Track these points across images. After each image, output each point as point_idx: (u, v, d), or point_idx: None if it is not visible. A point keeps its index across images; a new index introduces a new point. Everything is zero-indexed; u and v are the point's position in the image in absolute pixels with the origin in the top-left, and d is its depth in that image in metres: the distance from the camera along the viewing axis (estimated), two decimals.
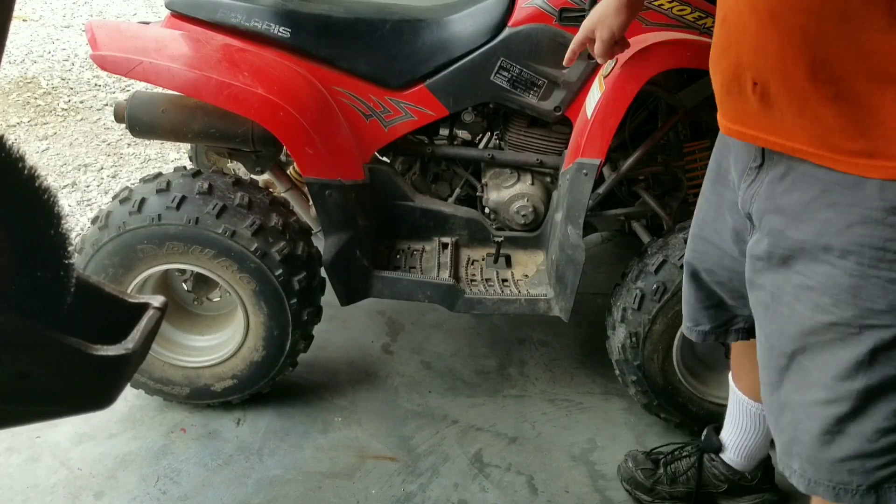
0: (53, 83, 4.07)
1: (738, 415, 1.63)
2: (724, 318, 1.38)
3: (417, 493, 1.77)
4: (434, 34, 1.84)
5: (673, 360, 1.81)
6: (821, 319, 1.01)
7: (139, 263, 1.75)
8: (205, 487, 1.76)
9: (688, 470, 1.72)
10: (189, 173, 1.81)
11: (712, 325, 1.39)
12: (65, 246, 0.70)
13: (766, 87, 0.99)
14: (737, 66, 1.03)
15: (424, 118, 1.89)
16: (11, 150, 0.64)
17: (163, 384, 1.91)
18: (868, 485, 1.04)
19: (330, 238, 1.85)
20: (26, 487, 1.73)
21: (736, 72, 1.03)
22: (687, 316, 1.41)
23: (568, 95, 1.82)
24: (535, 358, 2.25)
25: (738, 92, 1.04)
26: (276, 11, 1.81)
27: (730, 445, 1.69)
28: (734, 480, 1.70)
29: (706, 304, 1.37)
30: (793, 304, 1.05)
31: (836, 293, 0.99)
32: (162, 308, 0.82)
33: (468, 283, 1.95)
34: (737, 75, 1.03)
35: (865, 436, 1.02)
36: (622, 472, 1.78)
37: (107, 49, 1.69)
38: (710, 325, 1.39)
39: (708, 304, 1.37)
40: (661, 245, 1.77)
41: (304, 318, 1.84)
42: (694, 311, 1.40)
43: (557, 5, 1.74)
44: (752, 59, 1.00)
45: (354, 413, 2.01)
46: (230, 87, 1.68)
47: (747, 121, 1.05)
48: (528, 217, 1.99)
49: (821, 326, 1.02)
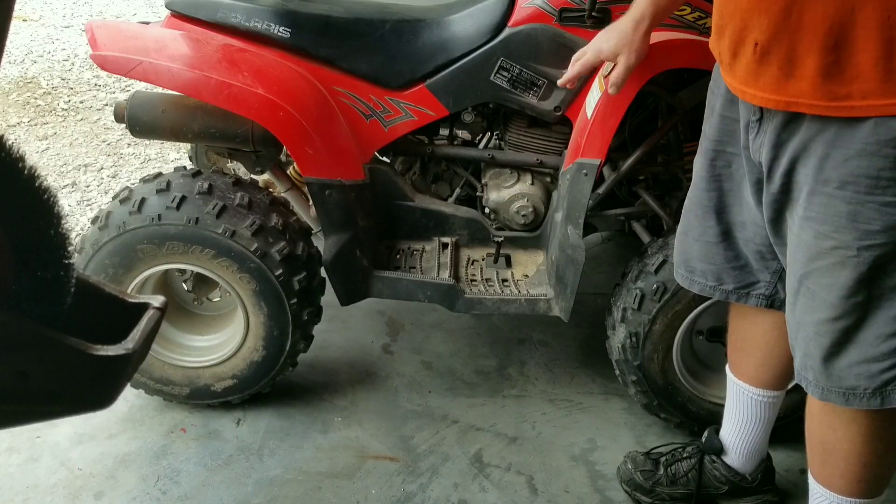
0: (53, 83, 4.07)
1: (739, 406, 1.63)
2: (747, 281, 1.44)
3: (417, 493, 1.77)
4: (434, 34, 1.84)
5: (673, 360, 1.81)
6: (823, 245, 1.15)
7: (139, 263, 1.75)
8: (205, 487, 1.76)
9: (688, 472, 1.72)
10: (189, 173, 1.81)
11: (735, 286, 1.45)
12: (65, 246, 0.70)
13: (766, 46, 1.12)
14: (742, 28, 1.15)
15: (424, 118, 1.89)
16: (11, 150, 0.64)
17: (163, 384, 1.91)
18: (874, 388, 1.18)
19: (330, 238, 1.85)
20: (26, 487, 1.73)
21: (741, 35, 1.15)
22: (710, 275, 1.46)
23: (568, 95, 1.82)
24: (535, 358, 2.25)
25: (743, 53, 1.16)
26: (276, 11, 1.80)
27: (730, 444, 1.69)
28: (735, 482, 1.70)
29: (733, 263, 1.43)
30: (799, 234, 1.18)
31: (835, 220, 1.13)
32: (162, 308, 0.82)
33: (468, 283, 1.95)
34: (742, 38, 1.16)
35: (869, 342, 1.16)
36: (621, 473, 1.78)
37: (107, 49, 1.69)
38: (734, 285, 1.45)
39: (735, 265, 1.43)
40: (661, 245, 1.77)
41: (304, 318, 1.85)
42: (720, 270, 1.45)
43: (557, 5, 1.74)
44: (755, 21, 1.12)
45: (354, 413, 2.01)
46: (230, 87, 1.68)
47: (748, 80, 1.18)
48: (528, 217, 1.99)
49: (823, 251, 1.15)
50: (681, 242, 1.52)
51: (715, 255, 1.44)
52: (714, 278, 1.46)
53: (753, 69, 1.16)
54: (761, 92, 1.16)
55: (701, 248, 1.46)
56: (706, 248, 1.45)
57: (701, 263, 1.47)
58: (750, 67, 1.16)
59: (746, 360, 1.59)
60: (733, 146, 1.34)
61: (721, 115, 1.34)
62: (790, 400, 1.84)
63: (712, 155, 1.38)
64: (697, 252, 1.47)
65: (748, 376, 1.59)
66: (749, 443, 1.67)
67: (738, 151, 1.33)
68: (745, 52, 1.16)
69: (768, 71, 1.14)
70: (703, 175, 1.41)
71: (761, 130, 1.21)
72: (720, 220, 1.41)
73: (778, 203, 1.22)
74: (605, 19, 1.72)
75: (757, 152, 1.23)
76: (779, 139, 1.17)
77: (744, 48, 1.16)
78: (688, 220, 1.48)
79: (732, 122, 1.32)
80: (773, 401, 1.62)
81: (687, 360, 1.87)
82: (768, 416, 1.63)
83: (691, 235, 1.47)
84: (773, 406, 1.63)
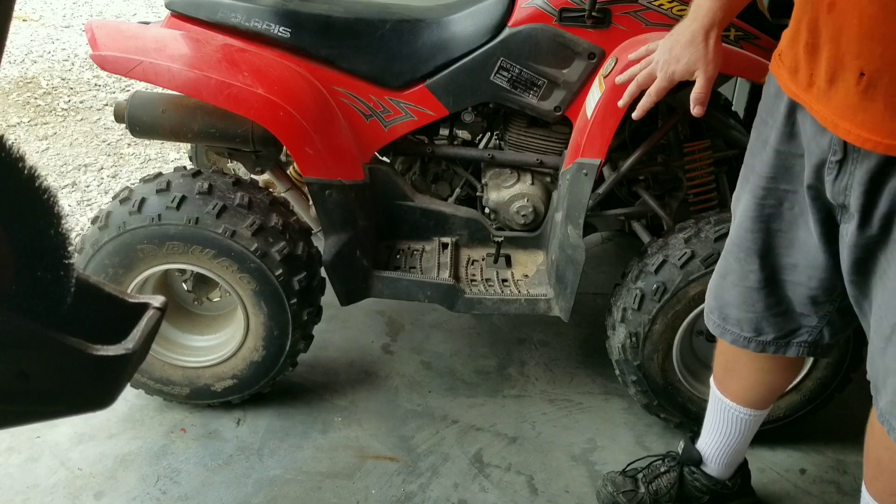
0: (53, 83, 4.07)
1: (722, 421, 1.61)
2: (789, 328, 1.34)
3: (417, 493, 1.77)
4: (434, 34, 1.84)
5: (673, 360, 1.81)
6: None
7: (139, 263, 1.75)
8: (205, 487, 1.76)
9: (670, 488, 1.69)
10: (189, 173, 1.81)
11: (775, 336, 1.35)
12: (65, 246, 0.70)
13: (874, 78, 0.99)
14: (844, 54, 1.02)
15: (424, 118, 1.89)
16: (11, 150, 0.64)
17: (163, 384, 1.91)
18: None
19: (330, 238, 1.85)
20: (26, 487, 1.73)
21: (843, 60, 1.02)
22: (747, 324, 1.36)
23: (568, 95, 1.82)
24: (535, 358, 2.25)
25: (842, 82, 1.03)
26: (276, 11, 1.80)
27: (710, 455, 1.66)
28: (716, 490, 1.69)
29: (775, 310, 1.33)
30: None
31: None
32: (162, 308, 0.82)
33: (468, 283, 1.95)
34: (842, 64, 1.02)
35: None
36: (602, 497, 1.73)
37: (107, 49, 1.69)
38: (774, 334, 1.35)
39: (776, 311, 1.33)
40: (661, 245, 1.77)
41: (304, 318, 1.85)
42: (759, 319, 1.34)
43: (557, 5, 1.74)
44: (864, 48, 0.99)
45: (354, 413, 2.01)
46: (230, 87, 1.68)
47: (844, 113, 1.05)
48: (528, 217, 1.99)
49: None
50: (717, 286, 1.41)
51: (756, 302, 1.33)
52: (751, 328, 1.36)
53: (853, 102, 1.02)
54: (858, 129, 1.03)
55: (740, 293, 1.35)
56: (746, 295, 1.34)
57: (737, 311, 1.37)
58: (850, 99, 1.03)
59: (736, 381, 1.54)
60: (789, 183, 1.22)
61: (777, 150, 1.22)
62: (790, 400, 1.85)
63: (762, 193, 1.25)
64: (735, 298, 1.36)
65: (735, 396, 1.56)
66: (729, 454, 1.65)
67: (793, 189, 1.22)
68: (845, 81, 1.03)
69: (872, 107, 1.01)
70: (750, 215, 1.28)
71: (845, 171, 1.09)
72: (764, 265, 1.30)
73: (872, 246, 1.11)
74: (605, 19, 1.72)
75: (840, 194, 1.11)
76: (874, 181, 1.06)
77: (844, 76, 1.03)
78: (727, 262, 1.37)
79: (791, 157, 1.20)
80: (758, 418, 1.60)
81: (687, 360, 1.87)
82: (750, 430, 1.61)
83: (730, 279, 1.36)
84: (757, 422, 1.60)
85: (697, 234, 1.73)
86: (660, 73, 1.40)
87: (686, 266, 1.70)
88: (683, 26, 1.37)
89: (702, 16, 1.34)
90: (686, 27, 1.36)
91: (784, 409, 1.86)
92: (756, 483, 1.79)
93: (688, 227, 1.77)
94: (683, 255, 1.70)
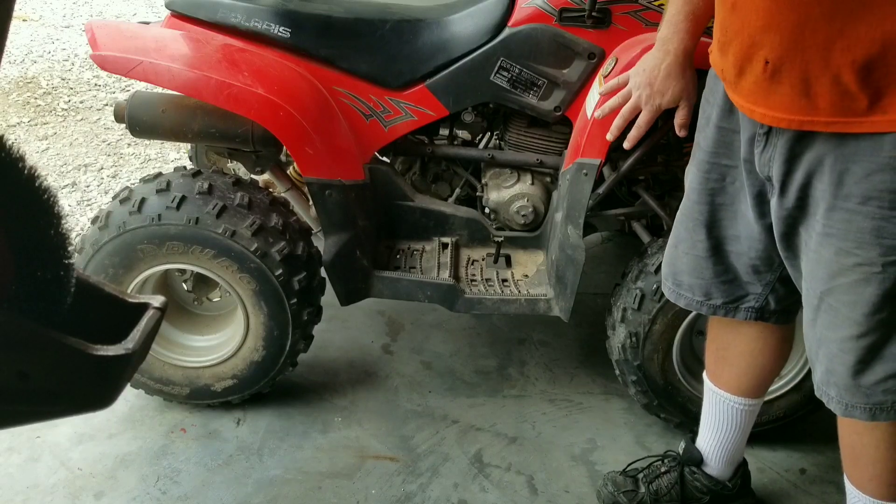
0: (53, 83, 4.07)
1: (717, 414, 1.62)
2: (736, 295, 1.42)
3: (417, 493, 1.77)
4: (434, 34, 1.84)
5: (673, 360, 1.81)
6: (845, 262, 1.12)
7: (139, 263, 1.75)
8: (205, 487, 1.76)
9: (670, 488, 1.70)
10: (189, 173, 1.81)
11: (724, 301, 1.43)
12: (65, 246, 0.70)
13: (778, 64, 1.08)
14: (749, 46, 1.11)
15: (424, 118, 1.89)
16: (11, 150, 0.64)
17: (163, 384, 1.91)
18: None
19: (330, 238, 1.85)
20: (26, 487, 1.73)
21: (748, 52, 1.12)
22: (698, 289, 1.44)
23: (568, 95, 1.82)
24: (535, 358, 2.25)
25: (750, 71, 1.13)
26: (276, 11, 1.81)
27: (709, 452, 1.67)
28: (716, 491, 1.69)
29: (722, 278, 1.41)
30: (818, 249, 1.15)
31: (858, 236, 1.10)
32: (162, 308, 0.82)
33: (468, 283, 1.95)
34: (749, 55, 1.12)
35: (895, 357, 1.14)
36: (603, 496, 1.74)
37: (107, 49, 1.69)
38: (723, 300, 1.43)
39: (724, 279, 1.41)
40: (661, 245, 1.77)
41: (304, 318, 1.84)
42: (708, 285, 1.42)
43: (557, 5, 1.74)
44: (765, 38, 1.08)
45: (354, 413, 2.01)
46: (230, 87, 1.68)
47: (756, 99, 1.14)
48: (528, 217, 1.99)
49: (846, 268, 1.12)
50: (670, 255, 1.49)
51: (704, 270, 1.41)
52: (702, 293, 1.44)
53: (764, 87, 1.12)
54: (772, 111, 1.12)
55: (690, 261, 1.43)
56: (695, 262, 1.42)
57: (689, 277, 1.44)
58: (760, 85, 1.13)
59: (728, 369, 1.57)
60: (729, 158, 1.30)
61: (718, 126, 1.31)
62: (790, 400, 1.85)
63: (706, 167, 1.35)
64: (686, 265, 1.44)
65: (729, 385, 1.58)
66: (728, 450, 1.66)
67: (734, 163, 1.30)
68: (752, 70, 1.13)
69: (779, 89, 1.10)
70: (696, 187, 1.38)
71: (769, 144, 1.17)
72: (710, 235, 1.38)
73: (791, 218, 1.19)
74: (605, 19, 1.72)
75: (765, 167, 1.20)
76: (791, 154, 1.14)
77: (751, 66, 1.12)
78: (678, 231, 1.46)
79: (730, 133, 1.29)
80: (753, 408, 1.61)
81: (687, 360, 1.87)
82: (747, 422, 1.63)
83: (681, 248, 1.45)
84: (752, 413, 1.62)
85: None
86: (645, 107, 1.47)
87: None
88: (657, 60, 1.43)
89: (674, 49, 1.41)
90: (661, 60, 1.43)
91: (784, 409, 1.86)
92: (756, 483, 1.79)
93: None
94: None
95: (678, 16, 1.39)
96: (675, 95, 1.45)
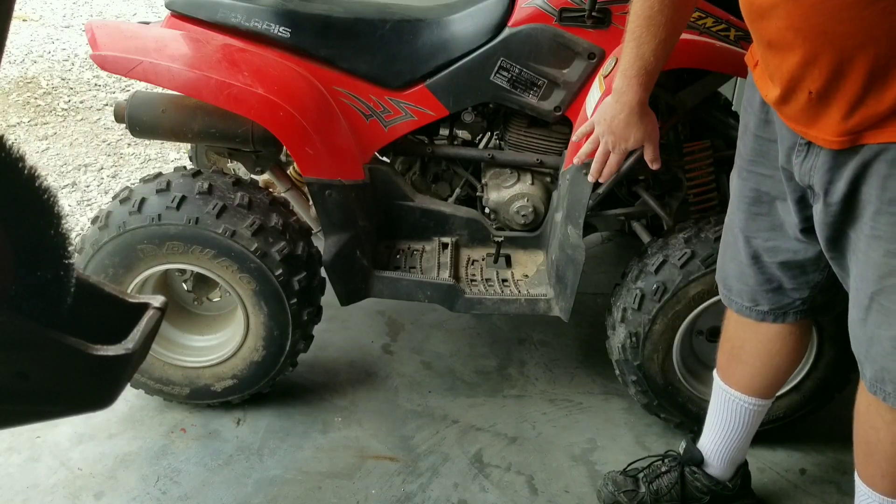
0: (53, 83, 4.07)
1: (726, 413, 1.62)
2: (782, 303, 1.45)
3: (417, 493, 1.77)
4: (434, 34, 1.84)
5: (673, 360, 1.81)
6: (894, 263, 1.15)
7: (139, 263, 1.75)
8: (205, 487, 1.76)
9: (671, 488, 1.70)
10: (189, 173, 1.81)
11: (771, 307, 1.46)
12: (65, 246, 0.70)
13: (821, 95, 1.12)
14: (790, 80, 1.15)
15: (424, 118, 1.89)
16: (11, 150, 0.64)
17: (163, 384, 1.91)
18: None
19: (330, 238, 1.85)
20: (26, 487, 1.73)
21: (790, 84, 1.16)
22: (746, 296, 1.47)
23: (568, 95, 1.82)
24: (535, 358, 2.25)
25: (795, 99, 1.17)
26: (276, 11, 1.80)
27: (711, 452, 1.67)
28: (716, 491, 1.69)
29: (766, 287, 1.43)
30: (867, 251, 1.18)
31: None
32: (162, 308, 0.82)
33: (468, 283, 1.95)
34: (792, 87, 1.16)
35: None
36: (604, 496, 1.74)
37: (107, 49, 1.69)
38: (770, 306, 1.46)
39: (767, 288, 1.43)
40: (661, 245, 1.77)
41: (304, 318, 1.84)
42: (753, 292, 1.45)
43: (557, 5, 1.74)
44: (805, 73, 1.12)
45: (354, 413, 2.01)
46: (230, 87, 1.68)
47: (808, 123, 1.18)
48: (528, 217, 1.99)
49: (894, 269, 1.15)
50: (720, 260, 1.52)
51: (748, 277, 1.44)
52: (749, 299, 1.46)
53: (810, 114, 1.16)
54: (822, 134, 1.15)
55: (735, 267, 1.46)
56: (740, 269, 1.45)
57: (736, 283, 1.47)
58: (805, 113, 1.16)
59: (742, 368, 1.57)
60: (766, 167, 1.33)
61: (755, 135, 1.33)
62: (790, 400, 1.85)
63: (745, 175, 1.38)
64: (732, 272, 1.47)
65: (741, 385, 1.58)
66: (731, 450, 1.66)
67: (769, 173, 1.32)
68: (797, 99, 1.16)
69: (827, 112, 1.13)
70: (736, 194, 1.41)
71: (811, 154, 1.20)
72: (749, 244, 1.41)
73: (838, 223, 1.21)
74: (605, 19, 1.72)
75: (805, 176, 1.22)
76: (834, 163, 1.16)
77: (796, 96, 1.16)
78: (726, 237, 1.49)
79: (766, 142, 1.31)
80: (762, 409, 1.62)
81: (687, 360, 1.87)
82: (754, 423, 1.63)
83: (728, 254, 1.48)
84: (761, 414, 1.63)
85: (697, 234, 1.73)
86: (614, 152, 1.56)
87: (686, 266, 1.70)
88: (615, 111, 1.50)
89: (629, 101, 1.47)
90: (619, 111, 1.49)
91: (784, 409, 1.86)
92: (756, 483, 1.79)
93: (688, 227, 1.77)
94: (683, 255, 1.71)
95: (630, 70, 1.44)
96: (638, 140, 1.53)
